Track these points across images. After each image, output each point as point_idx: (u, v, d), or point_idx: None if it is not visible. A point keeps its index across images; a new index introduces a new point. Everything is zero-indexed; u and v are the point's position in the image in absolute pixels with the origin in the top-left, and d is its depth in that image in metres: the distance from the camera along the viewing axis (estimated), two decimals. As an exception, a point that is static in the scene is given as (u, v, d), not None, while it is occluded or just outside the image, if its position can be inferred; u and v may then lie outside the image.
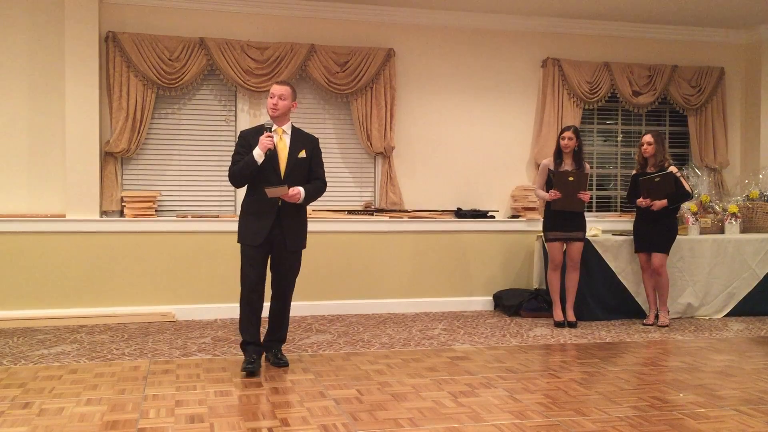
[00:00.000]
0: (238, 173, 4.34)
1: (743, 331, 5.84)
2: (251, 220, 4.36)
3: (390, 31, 6.79)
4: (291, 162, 4.37)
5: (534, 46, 7.14)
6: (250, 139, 4.37)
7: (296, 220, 4.43)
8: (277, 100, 4.35)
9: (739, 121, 7.72)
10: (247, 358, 4.36)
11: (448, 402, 3.76)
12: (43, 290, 5.87)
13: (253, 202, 4.37)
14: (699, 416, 3.56)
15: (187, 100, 6.44)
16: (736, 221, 6.72)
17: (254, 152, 4.26)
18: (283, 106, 4.36)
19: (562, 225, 5.92)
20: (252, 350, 4.38)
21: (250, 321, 4.39)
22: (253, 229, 4.34)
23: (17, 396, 3.80)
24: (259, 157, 4.26)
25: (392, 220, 6.59)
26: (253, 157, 4.26)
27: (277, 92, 4.36)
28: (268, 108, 4.38)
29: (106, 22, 6.15)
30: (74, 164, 5.98)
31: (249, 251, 4.36)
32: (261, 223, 4.32)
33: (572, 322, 5.95)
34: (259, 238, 4.31)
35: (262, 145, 4.24)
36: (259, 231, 4.31)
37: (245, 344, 4.42)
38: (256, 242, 4.32)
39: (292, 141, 4.42)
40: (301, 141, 4.45)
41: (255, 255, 4.34)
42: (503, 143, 7.09)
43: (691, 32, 7.48)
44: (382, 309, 6.54)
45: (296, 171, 4.38)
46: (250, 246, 4.34)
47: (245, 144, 4.37)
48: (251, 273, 4.34)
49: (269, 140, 4.25)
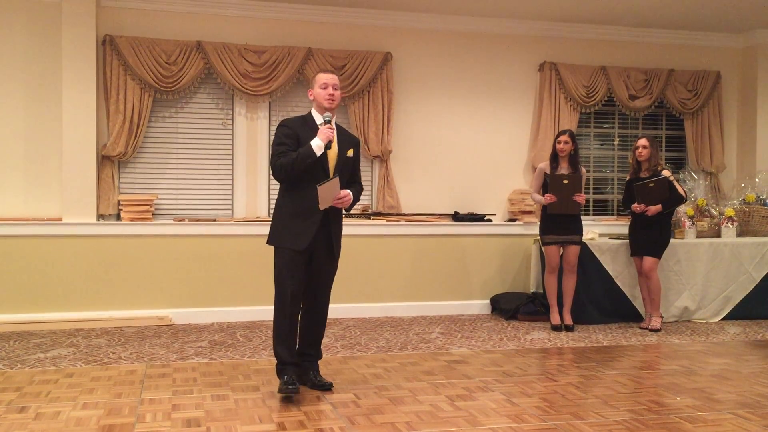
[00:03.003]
0: (290, 166, 3.80)
1: (740, 335, 5.84)
2: (294, 221, 3.88)
3: (387, 35, 6.80)
4: (340, 160, 3.98)
5: (531, 50, 7.16)
6: (297, 129, 3.91)
7: (340, 224, 4.08)
8: (332, 90, 3.94)
9: (736, 124, 7.74)
10: (287, 378, 3.84)
11: (445, 406, 3.76)
12: (40, 294, 5.86)
13: (296, 200, 3.90)
14: (696, 420, 3.56)
15: (185, 104, 6.44)
16: (733, 225, 6.73)
17: (313, 143, 3.81)
18: (338, 97, 3.99)
19: (558, 228, 5.93)
20: (292, 370, 3.89)
21: (290, 337, 3.93)
22: (296, 230, 3.86)
23: (13, 400, 3.79)
24: (319, 149, 3.81)
25: (390, 223, 6.59)
26: (312, 149, 3.80)
27: (331, 81, 3.96)
28: (323, 99, 3.94)
29: (104, 25, 6.15)
30: (71, 168, 5.98)
31: (290, 256, 3.86)
32: (306, 225, 3.86)
33: (569, 326, 5.95)
34: (304, 241, 3.85)
35: (324, 135, 3.81)
36: (303, 233, 3.85)
37: (283, 364, 3.91)
38: (301, 246, 3.84)
39: (339, 138, 4.02)
40: (347, 139, 4.09)
41: (297, 261, 3.86)
42: (500, 147, 7.10)
43: (687, 36, 7.50)
44: (379, 312, 6.54)
45: (344, 170, 3.99)
46: (291, 250, 3.86)
47: (291, 135, 3.88)
48: (292, 282, 3.86)
49: (332, 131, 3.85)
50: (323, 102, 3.95)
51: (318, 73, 4.09)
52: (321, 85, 3.96)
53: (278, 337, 3.92)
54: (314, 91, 3.99)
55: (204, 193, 6.50)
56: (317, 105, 4.00)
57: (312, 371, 4.06)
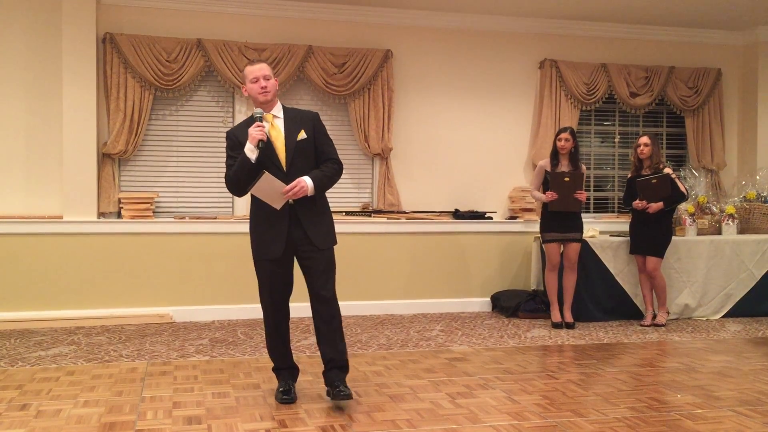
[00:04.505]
0: (235, 178, 3.63)
1: (740, 332, 5.84)
2: (263, 230, 3.69)
3: (388, 33, 6.79)
4: (290, 148, 3.68)
5: (531, 47, 7.15)
6: (240, 136, 3.69)
7: (317, 214, 3.74)
8: (263, 81, 3.67)
9: (736, 122, 7.74)
10: (281, 385, 3.82)
11: (445, 403, 3.76)
12: (41, 292, 5.87)
13: (260, 209, 3.69)
14: (696, 417, 3.56)
15: (185, 102, 6.44)
16: (734, 222, 6.73)
17: (245, 149, 3.59)
18: (272, 86, 3.70)
19: (559, 226, 5.93)
20: (287, 375, 3.84)
21: (280, 343, 3.85)
22: (267, 239, 3.67)
23: (14, 398, 3.79)
24: (252, 152, 3.57)
25: (390, 221, 6.59)
26: (245, 155, 3.57)
27: (261, 73, 3.67)
28: (256, 94, 3.68)
29: (104, 23, 6.14)
30: (72, 166, 5.98)
31: (267, 267, 3.70)
32: (275, 231, 3.65)
33: (570, 323, 5.95)
34: (278, 248, 3.65)
35: (252, 138, 3.57)
36: (275, 240, 3.65)
37: (278, 369, 3.90)
38: (276, 254, 3.65)
39: (286, 124, 3.73)
40: (297, 121, 3.75)
41: (275, 270, 3.69)
42: (501, 144, 7.10)
43: (688, 34, 7.49)
44: (379, 310, 6.54)
45: (300, 157, 3.69)
46: (268, 261, 3.69)
47: (235, 144, 3.69)
48: (273, 292, 3.74)
49: (259, 131, 3.57)
50: (258, 96, 3.70)
51: (245, 66, 3.79)
52: (251, 80, 3.70)
53: (269, 345, 3.89)
54: (246, 87, 3.74)
55: (204, 190, 6.50)
56: (253, 101, 3.75)
57: (336, 381, 3.67)
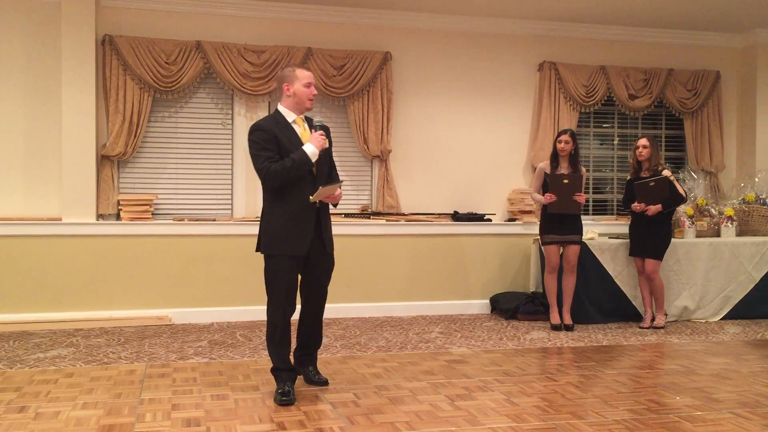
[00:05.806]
0: (286, 173, 3.69)
1: (739, 334, 5.84)
2: (291, 226, 3.76)
3: (387, 35, 6.79)
4: (321, 156, 3.82)
5: (530, 49, 7.16)
6: (277, 132, 3.75)
7: (329, 220, 4.00)
8: (314, 89, 3.84)
9: (735, 124, 7.74)
10: (282, 389, 3.79)
11: (445, 405, 3.76)
12: (39, 294, 5.86)
13: (291, 204, 3.78)
14: (695, 419, 3.56)
15: (184, 104, 6.44)
16: (732, 224, 6.73)
17: (308, 151, 3.72)
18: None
19: (558, 228, 5.93)
20: (287, 377, 3.85)
21: (283, 343, 3.85)
22: (294, 235, 3.76)
23: (13, 400, 3.79)
24: (314, 156, 3.74)
25: (389, 223, 6.59)
26: (307, 156, 3.71)
27: (313, 81, 3.85)
28: (305, 98, 3.81)
29: (103, 25, 6.14)
30: (71, 167, 5.97)
31: (287, 262, 3.77)
32: (303, 229, 3.78)
33: (569, 326, 5.95)
34: (304, 245, 3.78)
35: (319, 143, 3.74)
36: (302, 238, 3.77)
37: (278, 371, 3.86)
38: (301, 250, 3.78)
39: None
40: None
41: (294, 265, 3.80)
42: (500, 146, 7.10)
43: (686, 36, 7.50)
44: (379, 312, 6.54)
45: (324, 164, 3.89)
46: (289, 257, 3.77)
47: (271, 138, 3.73)
48: (289, 289, 3.80)
49: (324, 138, 3.79)
50: (305, 102, 3.81)
51: (297, 68, 3.86)
52: (305, 84, 3.79)
53: (271, 342, 3.86)
54: (295, 87, 3.79)
55: (203, 192, 6.50)
56: (296, 103, 3.82)
57: (311, 366, 4.11)
